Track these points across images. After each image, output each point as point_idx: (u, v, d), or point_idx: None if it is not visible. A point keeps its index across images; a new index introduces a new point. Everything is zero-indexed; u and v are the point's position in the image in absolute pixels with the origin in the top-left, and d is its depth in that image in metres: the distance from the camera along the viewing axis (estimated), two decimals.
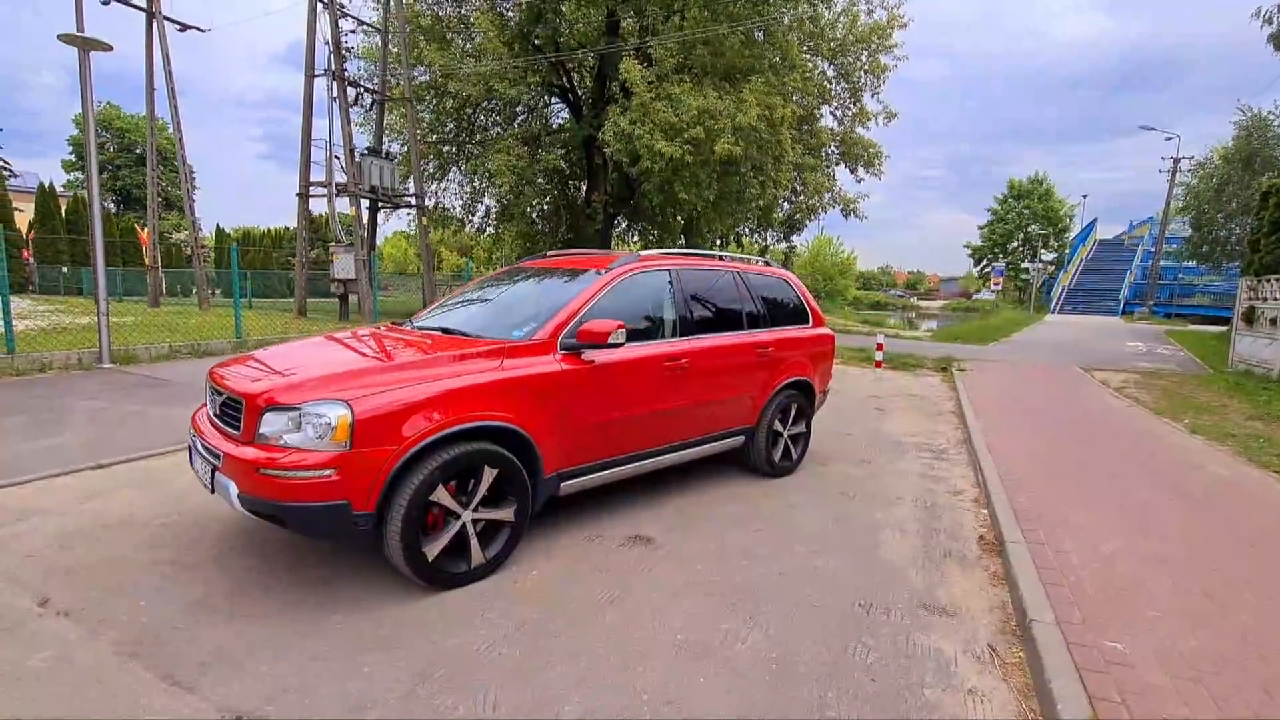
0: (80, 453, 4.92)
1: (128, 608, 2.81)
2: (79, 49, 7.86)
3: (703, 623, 2.87)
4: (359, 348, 3.55)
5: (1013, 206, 47.28)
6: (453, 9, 18.52)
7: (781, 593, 3.19)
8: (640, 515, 4.14)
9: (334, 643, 2.60)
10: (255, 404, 2.83)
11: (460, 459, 2.98)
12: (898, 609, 3.09)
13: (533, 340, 3.48)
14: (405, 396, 2.88)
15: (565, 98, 20.00)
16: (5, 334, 7.73)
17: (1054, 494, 4.73)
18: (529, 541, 3.62)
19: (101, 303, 8.23)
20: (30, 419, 5.85)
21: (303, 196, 16.13)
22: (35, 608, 2.79)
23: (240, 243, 38.68)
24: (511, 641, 2.66)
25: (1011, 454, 5.86)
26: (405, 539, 2.85)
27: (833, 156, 20.21)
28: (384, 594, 3.00)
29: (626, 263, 4.13)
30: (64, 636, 2.58)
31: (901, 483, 5.16)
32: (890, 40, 18.70)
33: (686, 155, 13.30)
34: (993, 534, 4.11)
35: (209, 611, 2.80)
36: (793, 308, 5.37)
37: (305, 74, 15.45)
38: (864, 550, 3.77)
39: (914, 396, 9.39)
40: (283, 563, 3.27)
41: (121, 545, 3.43)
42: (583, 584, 3.19)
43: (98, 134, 39.65)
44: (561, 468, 3.53)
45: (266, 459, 2.72)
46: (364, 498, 2.76)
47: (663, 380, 4.01)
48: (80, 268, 25.47)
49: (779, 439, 5.09)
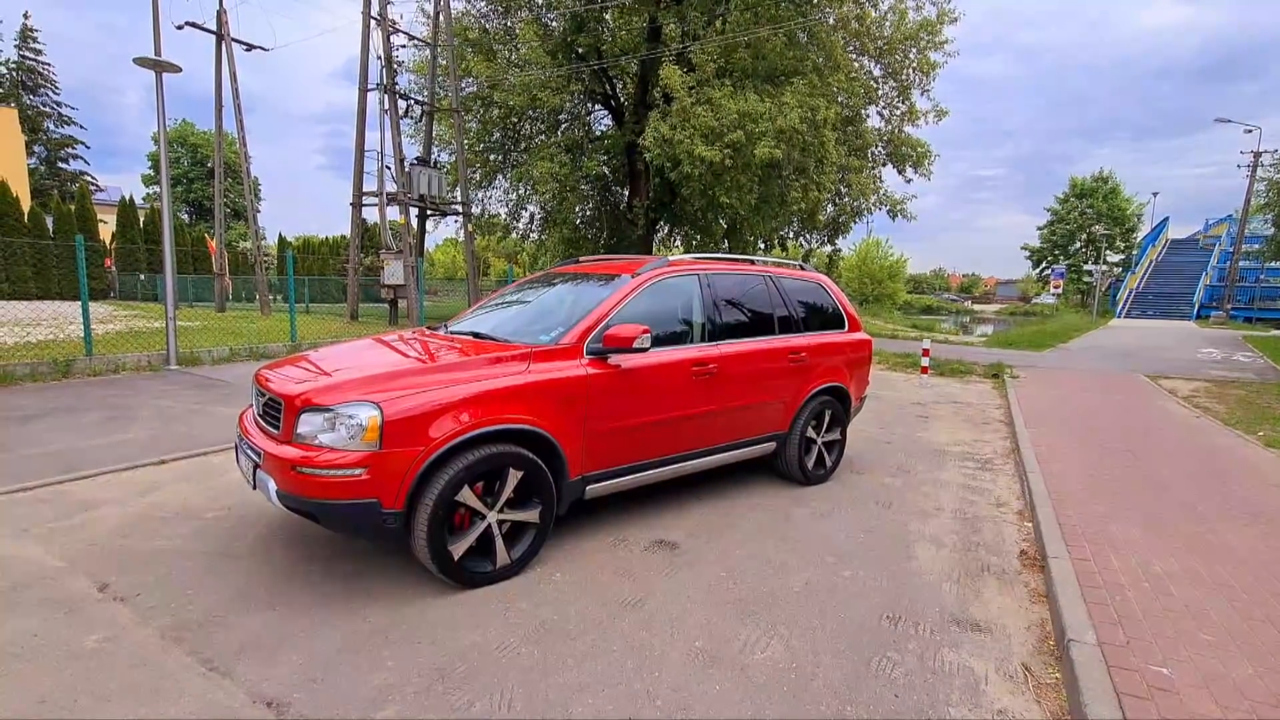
0: (144, 448, 5.24)
1: (177, 595, 2.98)
2: (154, 71, 8.40)
3: (721, 631, 2.85)
4: (393, 352, 3.67)
5: (1075, 206, 45.23)
6: (499, 21, 18.96)
7: (805, 603, 3.13)
8: (666, 520, 4.13)
9: (362, 636, 2.70)
10: (293, 405, 2.96)
11: (486, 461, 3.05)
12: (927, 623, 3.00)
13: (559, 345, 3.53)
14: (433, 399, 2.96)
15: (608, 104, 20.20)
16: (85, 339, 8.30)
17: (1106, 508, 4.50)
18: (555, 544, 3.67)
19: (170, 310, 8.75)
20: (104, 416, 6.26)
21: (356, 206, 16.78)
22: (95, 592, 2.99)
23: (300, 251, 40.47)
24: (530, 641, 2.70)
25: (1062, 466, 5.60)
26: (432, 537, 2.93)
27: (879, 157, 19.76)
28: (412, 590, 3.09)
29: (654, 268, 4.15)
30: (117, 620, 2.75)
31: (941, 493, 5.00)
32: (940, 36, 18.20)
33: (727, 159, 13.23)
34: (1036, 549, 3.94)
35: (249, 601, 2.95)
36: (828, 312, 5.28)
37: (359, 88, 16.10)
38: (896, 562, 3.67)
39: (960, 404, 9.08)
40: (320, 557, 3.41)
41: (175, 537, 3.64)
42: (604, 588, 3.21)
43: (173, 149, 41.99)
44: (587, 471, 3.56)
45: (302, 458, 2.84)
46: (393, 496, 2.85)
47: (691, 385, 4.00)
48: (156, 275, 27.07)
49: (812, 446, 5.00)
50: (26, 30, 41.67)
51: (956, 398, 9.62)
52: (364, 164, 16.46)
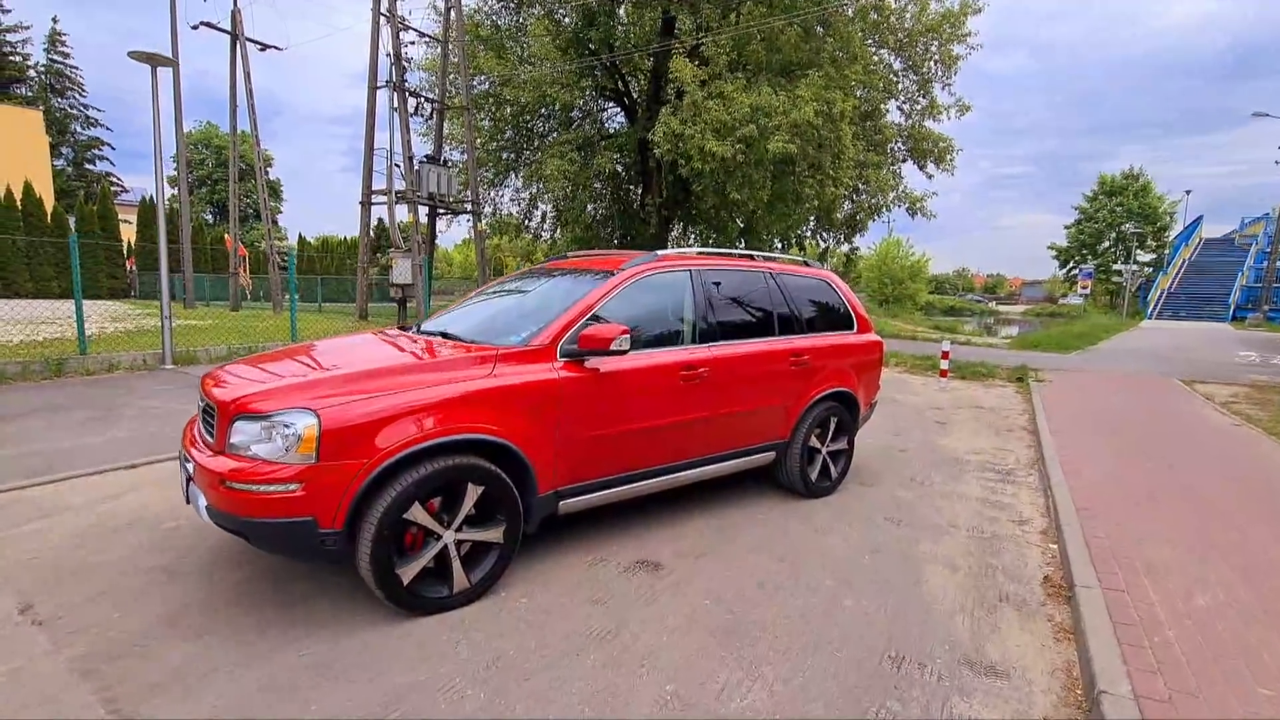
0: (120, 450, 5.04)
1: (103, 619, 2.72)
2: (149, 65, 8.27)
3: (698, 670, 2.51)
4: (351, 353, 3.38)
5: (1104, 204, 43.92)
6: (511, 18, 18.75)
7: (797, 637, 2.79)
8: (653, 537, 3.81)
9: (293, 671, 2.41)
10: (226, 411, 2.69)
11: (439, 475, 2.75)
12: (935, 665, 2.64)
13: (530, 346, 3.22)
14: (379, 407, 2.67)
15: (620, 101, 19.90)
16: (79, 337, 8.20)
17: (1140, 528, 4.07)
18: (527, 562, 3.36)
19: (165, 309, 8.63)
20: (86, 417, 6.10)
21: (365, 205, 16.68)
22: (16, 614, 2.74)
23: (319, 250, 40.83)
24: (479, 681, 2.39)
25: (1091, 478, 5.17)
26: (376, 560, 2.63)
27: (899, 153, 19.19)
28: (362, 617, 2.80)
29: (641, 263, 3.82)
30: (30, 648, 2.50)
31: (958, 508, 4.61)
32: (963, 28, 17.60)
33: (738, 154, 12.84)
34: (1061, 575, 3.54)
35: (179, 628, 2.68)
36: (834, 312, 4.91)
37: (369, 86, 15.97)
38: (903, 589, 3.30)
39: (982, 409, 8.62)
40: (270, 576, 3.14)
41: (123, 549, 3.40)
42: (573, 616, 2.89)
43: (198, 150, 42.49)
44: (560, 485, 3.25)
45: (231, 470, 2.56)
46: (331, 515, 2.56)
47: (678, 390, 3.67)
48: (174, 274, 27.32)
49: (816, 456, 4.64)
50: (55, 34, 42.55)
51: (978, 402, 9.15)
52: (373, 162, 16.35)
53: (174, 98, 19.74)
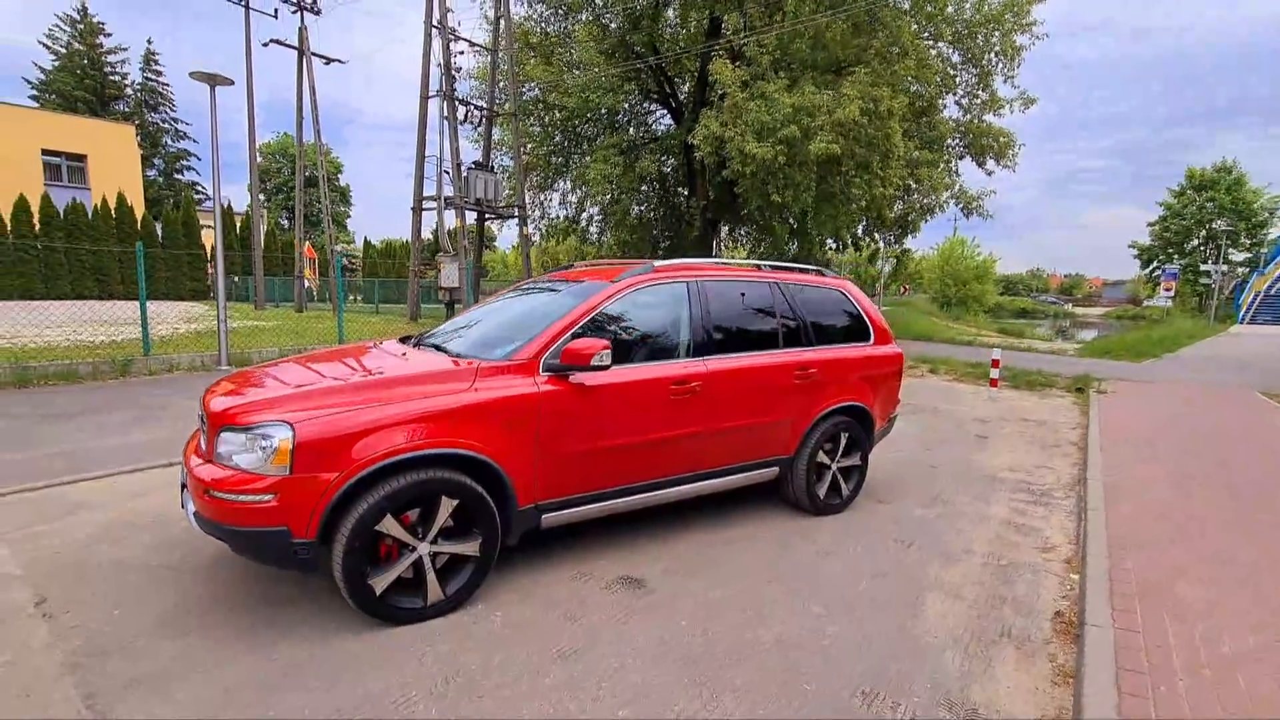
0: (158, 450, 5.38)
1: (104, 614, 2.90)
2: (208, 84, 8.80)
3: (656, 698, 2.45)
4: (341, 367, 3.48)
5: (1192, 199, 40.81)
6: (559, 25, 19.01)
7: (769, 667, 2.69)
8: (642, 552, 3.76)
9: (263, 674, 2.49)
10: (215, 422, 2.81)
11: (412, 488, 2.79)
12: (911, 704, 2.49)
13: (512, 361, 3.23)
14: (353, 420, 2.73)
15: (667, 104, 19.85)
16: (143, 340, 8.81)
17: (1180, 562, 3.74)
18: (509, 576, 3.38)
19: (221, 313, 9.17)
20: (135, 416, 6.54)
21: (416, 210, 17.25)
22: (30, 607, 2.95)
23: (381, 254, 42.55)
24: (434, 696, 2.41)
25: (1136, 502, 4.79)
26: (347, 570, 2.70)
27: (956, 149, 18.36)
28: (340, 624, 2.88)
29: (635, 275, 3.78)
30: (32, 640, 2.68)
31: (978, 531, 4.36)
32: (1027, 17, 16.69)
33: (779, 156, 12.57)
34: (1076, 611, 3.29)
35: (169, 626, 2.82)
36: (849, 323, 4.73)
37: (420, 96, 16.52)
38: (897, 619, 3.14)
39: (1030, 422, 8.14)
40: (262, 579, 3.27)
41: (138, 546, 3.61)
42: (544, 633, 2.88)
43: (274, 160, 44.98)
44: (541, 499, 3.25)
45: (214, 479, 2.68)
46: (304, 525, 2.64)
47: (669, 405, 3.61)
48: (248, 277, 29.08)
49: (825, 472, 4.48)
50: (149, 54, 45.98)
51: (1027, 414, 8.65)
52: (424, 169, 16.89)
53: (247, 112, 21.00)
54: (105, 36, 43.65)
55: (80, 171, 28.76)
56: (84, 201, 26.17)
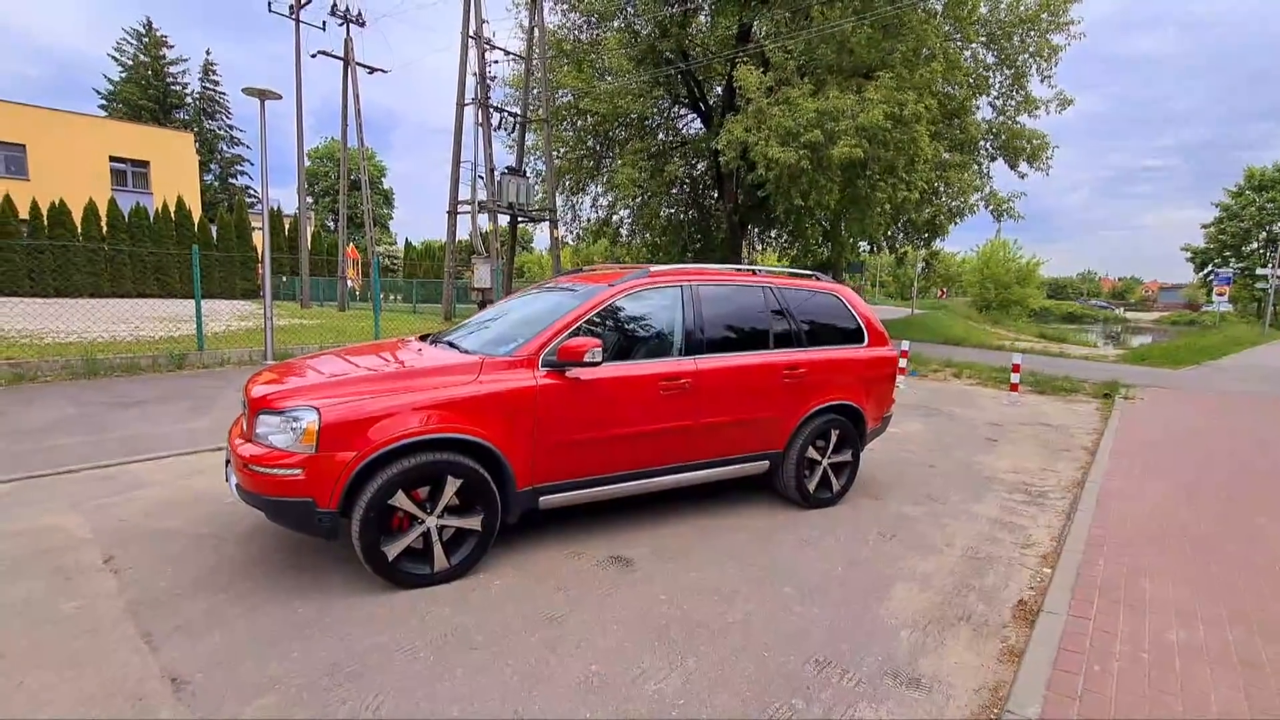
0: (209, 435, 5.92)
1: (158, 572, 3.35)
2: (259, 99, 9.46)
3: (624, 657, 2.76)
4: (368, 360, 3.87)
5: (1251, 200, 39.03)
6: (592, 32, 19.44)
7: (731, 637, 2.96)
8: (634, 536, 4.06)
9: (285, 625, 2.89)
10: (254, 406, 3.24)
11: (420, 468, 3.16)
12: (859, 673, 2.74)
13: (514, 356, 3.58)
14: (370, 407, 3.12)
15: (696, 108, 20.11)
16: (198, 336, 9.52)
17: (1151, 562, 3.87)
18: (510, 551, 3.73)
19: (268, 312, 9.83)
20: (189, 406, 7.15)
21: (451, 214, 17.91)
22: (100, 563, 3.43)
23: (422, 255, 43.84)
24: (433, 647, 2.77)
25: (1129, 505, 4.89)
26: (364, 538, 3.09)
27: (987, 151, 18.11)
28: (354, 585, 3.26)
29: (632, 279, 4.09)
30: (100, 590, 3.14)
31: (963, 528, 4.53)
32: (1064, 16, 16.39)
33: (803, 161, 12.70)
34: (1039, 600, 3.47)
35: (210, 583, 3.25)
36: (843, 326, 4.95)
37: (456, 103, 17.16)
38: (863, 602, 3.37)
39: (1046, 426, 8.15)
40: (291, 547, 3.69)
41: (189, 518, 4.09)
42: (535, 601, 3.22)
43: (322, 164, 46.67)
44: (539, 483, 3.59)
45: (253, 455, 3.10)
46: (326, 497, 3.03)
47: (660, 400, 3.91)
48: (295, 277, 30.42)
49: (816, 468, 4.71)
50: (208, 65, 48.40)
51: (1045, 419, 8.65)
52: (459, 174, 17.54)
53: (296, 119, 22.06)
54: (168, 49, 46.12)
55: (143, 177, 30.53)
56: (146, 205, 27.79)
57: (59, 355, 8.31)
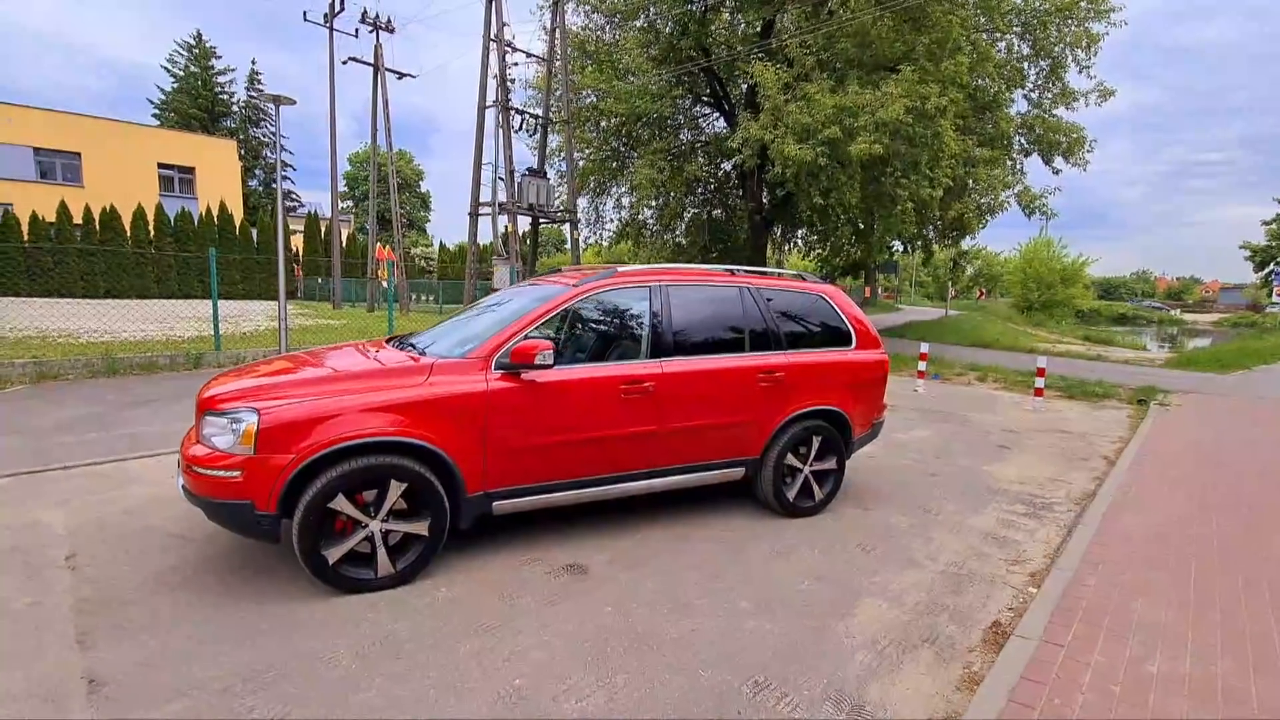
0: None
1: (117, 570, 3.39)
2: (274, 104, 9.69)
3: (552, 672, 2.66)
4: (317, 362, 3.84)
5: None
6: (614, 33, 19.40)
7: (671, 654, 2.83)
8: (599, 542, 3.96)
9: (220, 629, 2.88)
10: (201, 408, 3.25)
11: (362, 471, 3.12)
12: (798, 696, 2.58)
13: (466, 358, 3.52)
14: (311, 409, 3.09)
15: (719, 107, 19.87)
16: (215, 336, 9.80)
17: (1148, 581, 3.59)
18: (465, 557, 3.67)
19: (281, 310, 10.04)
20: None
21: (472, 216, 18.11)
22: (61, 559, 3.49)
23: (454, 257, 44.52)
24: (358, 655, 2.72)
25: (1138, 520, 4.58)
26: (302, 542, 3.06)
27: (1020, 145, 17.39)
28: (299, 588, 3.24)
29: (595, 280, 3.99)
30: (55, 586, 3.19)
31: (951, 541, 4.29)
32: (1104, 4, 15.64)
33: (820, 158, 12.39)
34: (1014, 622, 3.24)
35: (164, 584, 3.27)
36: (828, 328, 4.75)
37: (478, 106, 17.35)
38: (823, 620, 3.20)
39: (1067, 434, 7.75)
40: (251, 548, 3.70)
41: (164, 516, 4.15)
42: (476, 609, 3.14)
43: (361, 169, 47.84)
44: (491, 488, 3.52)
45: (196, 457, 3.11)
46: (265, 499, 3.01)
47: (621, 404, 3.79)
48: (329, 278, 31.25)
49: (796, 475, 4.53)
50: (253, 74, 50.13)
51: (1067, 426, 8.22)
52: (481, 176, 17.72)
53: (329, 124, 22.64)
54: (216, 59, 47.97)
55: (189, 183, 31.79)
56: (191, 210, 28.91)
57: (82, 354, 8.65)
